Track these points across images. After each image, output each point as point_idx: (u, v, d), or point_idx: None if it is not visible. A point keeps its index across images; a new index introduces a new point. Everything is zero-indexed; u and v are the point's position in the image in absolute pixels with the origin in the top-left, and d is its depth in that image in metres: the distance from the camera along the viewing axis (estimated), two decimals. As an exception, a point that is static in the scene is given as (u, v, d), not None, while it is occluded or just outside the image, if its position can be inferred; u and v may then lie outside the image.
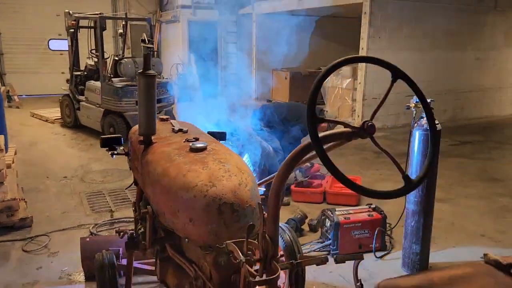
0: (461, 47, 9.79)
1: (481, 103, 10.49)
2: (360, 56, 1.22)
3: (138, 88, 1.99)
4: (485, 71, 10.33)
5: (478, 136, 8.54)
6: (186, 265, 1.70)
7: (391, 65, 1.39)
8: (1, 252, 3.72)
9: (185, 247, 1.74)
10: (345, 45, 11.23)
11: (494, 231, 4.20)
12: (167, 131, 2.20)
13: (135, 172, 2.22)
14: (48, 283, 3.27)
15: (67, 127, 8.79)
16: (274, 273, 1.26)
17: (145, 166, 1.91)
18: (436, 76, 9.48)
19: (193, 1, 13.08)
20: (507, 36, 10.43)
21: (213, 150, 1.82)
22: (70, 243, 3.88)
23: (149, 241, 1.80)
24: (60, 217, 4.47)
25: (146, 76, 1.91)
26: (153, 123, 1.99)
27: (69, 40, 8.67)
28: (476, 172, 6.15)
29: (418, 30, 9.09)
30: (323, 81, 1.16)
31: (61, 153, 7.10)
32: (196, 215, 1.50)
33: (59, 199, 5.01)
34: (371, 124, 1.28)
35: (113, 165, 6.40)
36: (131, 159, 2.32)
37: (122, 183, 5.57)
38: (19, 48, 12.96)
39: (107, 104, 7.52)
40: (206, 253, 1.50)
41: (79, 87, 8.44)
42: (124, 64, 7.55)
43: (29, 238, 3.95)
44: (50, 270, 3.45)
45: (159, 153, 1.87)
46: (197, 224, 1.50)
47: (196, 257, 1.66)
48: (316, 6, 9.77)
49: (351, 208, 3.89)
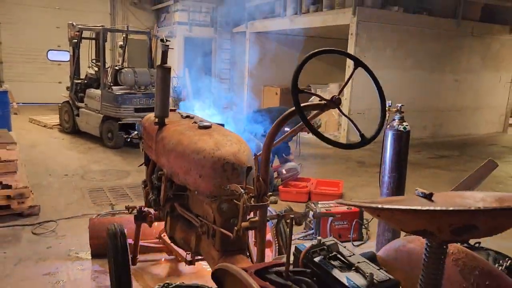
0: (441, 69, 10.46)
1: (459, 122, 11.12)
2: (329, 49, 1.54)
3: (156, 78, 2.43)
4: (463, 92, 11.00)
5: (454, 151, 9.11)
6: (192, 218, 2.11)
7: (353, 56, 1.84)
8: (13, 235, 4.06)
9: (191, 204, 2.16)
10: (332, 64, 11.84)
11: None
12: (176, 118, 2.64)
13: (148, 151, 2.64)
14: (58, 259, 3.63)
15: (65, 133, 9.15)
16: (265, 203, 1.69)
17: (160, 142, 2.34)
18: (417, 95, 10.10)
19: (189, 18, 13.66)
20: (483, 60, 11.15)
21: (217, 128, 2.26)
22: (75, 228, 4.24)
23: (164, 198, 2.21)
24: (64, 208, 4.82)
25: (163, 68, 2.36)
26: (167, 107, 2.43)
27: (71, 50, 9.11)
28: (448, 180, 6.65)
29: (401, 51, 9.74)
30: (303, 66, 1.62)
31: (61, 154, 7.45)
32: (205, 172, 1.93)
33: (62, 194, 5.36)
34: (338, 97, 1.73)
35: (112, 166, 6.78)
36: (144, 141, 2.74)
37: (121, 182, 5.95)
38: (18, 57, 13.35)
39: (106, 111, 7.93)
40: (212, 201, 1.93)
41: (79, 94, 8.85)
42: (124, 73, 8.01)
43: (38, 224, 4.30)
44: (59, 249, 3.81)
45: (172, 131, 2.31)
46: (205, 179, 1.93)
47: (201, 211, 2.08)
48: (307, 26, 10.39)
49: (332, 202, 4.33)
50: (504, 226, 1.19)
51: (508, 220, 1.17)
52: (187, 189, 2.16)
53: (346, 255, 1.51)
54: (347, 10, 9.12)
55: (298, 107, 1.59)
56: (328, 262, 1.47)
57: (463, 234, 1.13)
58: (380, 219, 1.25)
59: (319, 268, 1.46)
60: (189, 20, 13.63)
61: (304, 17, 10.44)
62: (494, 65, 11.40)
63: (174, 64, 13.37)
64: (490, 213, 1.11)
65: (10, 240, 3.95)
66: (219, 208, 1.91)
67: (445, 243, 1.24)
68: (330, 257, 1.50)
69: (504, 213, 1.13)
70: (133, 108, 7.82)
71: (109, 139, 7.92)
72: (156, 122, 2.44)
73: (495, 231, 1.19)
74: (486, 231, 1.16)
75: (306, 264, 1.51)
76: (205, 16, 14.14)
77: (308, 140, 9.49)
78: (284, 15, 11.15)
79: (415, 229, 1.17)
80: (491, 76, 11.42)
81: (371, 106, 9.21)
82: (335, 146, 1.74)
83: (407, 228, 1.20)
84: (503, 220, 1.15)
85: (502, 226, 1.18)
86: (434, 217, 1.11)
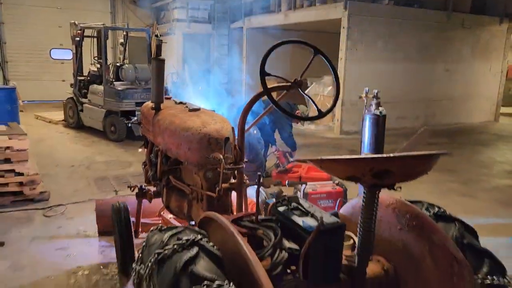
0: (432, 60, 10.77)
1: (451, 111, 11.44)
2: (290, 40, 1.76)
3: (151, 69, 2.78)
4: (454, 82, 11.31)
5: (445, 139, 9.45)
6: (184, 187, 2.48)
7: (312, 45, 2.17)
8: (26, 217, 4.44)
9: (183, 175, 2.53)
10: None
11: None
12: (171, 104, 3.00)
13: (146, 133, 3.00)
14: (68, 237, 4.01)
15: (70, 128, 9.53)
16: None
17: (156, 124, 2.70)
18: (409, 86, 10.43)
19: (188, 15, 14.00)
20: (473, 51, 11.45)
21: (205, 111, 2.62)
22: (83, 211, 4.61)
23: (160, 171, 2.58)
24: (72, 195, 5.20)
25: (158, 60, 2.72)
26: (162, 94, 2.78)
27: (73, 48, 9.48)
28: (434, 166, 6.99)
29: (391, 43, 10.06)
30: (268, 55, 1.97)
31: (67, 147, 7.83)
32: (193, 145, 2.29)
33: (69, 182, 5.74)
34: (299, 80, 2.08)
35: (115, 157, 7.16)
36: (143, 125, 3.11)
37: (124, 171, 6.32)
38: (22, 56, 13.74)
39: (109, 105, 8.30)
40: (199, 170, 2.29)
41: (83, 90, 9.22)
42: (125, 69, 8.37)
43: (49, 207, 4.68)
44: (68, 229, 4.19)
45: (166, 114, 2.67)
46: (193, 151, 2.29)
47: (191, 180, 2.44)
48: (300, 21, 10.71)
49: (318, 183, 4.68)
50: (417, 172, 1.54)
51: (419, 167, 1.52)
52: (180, 162, 2.52)
53: (305, 206, 1.87)
54: (338, 5, 9.43)
55: (265, 88, 1.94)
56: (290, 211, 1.83)
57: (382, 177, 1.48)
58: (323, 169, 1.59)
59: (282, 216, 1.82)
60: (187, 17, 13.97)
61: (298, 12, 10.76)
62: (485, 55, 11.70)
63: (174, 60, 13.73)
64: (401, 159, 1.46)
65: (24, 221, 4.33)
66: (205, 176, 2.27)
67: (374, 187, 1.59)
68: (292, 207, 1.86)
69: (413, 160, 1.48)
70: (134, 102, 8.17)
71: (112, 132, 8.29)
72: (153, 107, 2.80)
73: (410, 176, 1.54)
74: (401, 175, 1.51)
75: (273, 213, 1.87)
76: (203, 13, 14.47)
77: (302, 131, 9.85)
78: (279, 10, 11.48)
79: (346, 175, 1.53)
80: (482, 66, 11.72)
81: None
82: (300, 119, 2.10)
83: (341, 175, 1.55)
84: (414, 166, 1.51)
85: (415, 172, 1.54)
86: (358, 164, 1.46)
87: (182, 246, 1.45)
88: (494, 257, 1.73)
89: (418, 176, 1.56)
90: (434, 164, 1.55)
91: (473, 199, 5.34)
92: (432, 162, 1.52)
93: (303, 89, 2.11)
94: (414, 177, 1.56)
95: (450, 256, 1.59)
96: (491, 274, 1.65)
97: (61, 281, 3.21)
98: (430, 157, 1.47)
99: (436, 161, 1.54)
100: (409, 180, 1.57)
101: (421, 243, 1.69)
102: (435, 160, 1.51)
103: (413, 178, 1.56)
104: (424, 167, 1.53)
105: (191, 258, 1.40)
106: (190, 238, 1.49)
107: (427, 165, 1.52)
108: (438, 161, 1.55)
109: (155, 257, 1.46)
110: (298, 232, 1.72)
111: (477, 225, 4.54)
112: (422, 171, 1.55)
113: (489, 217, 4.73)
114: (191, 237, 1.49)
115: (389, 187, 1.62)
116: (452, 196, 5.46)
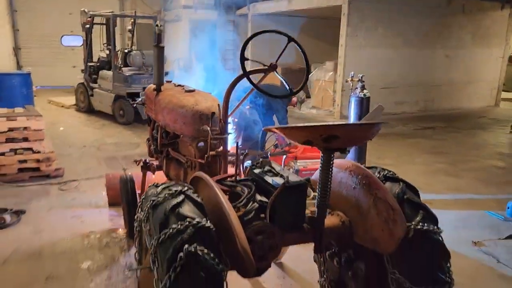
0: (431, 46, 10.98)
1: (451, 96, 11.67)
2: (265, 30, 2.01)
3: (153, 56, 3.16)
4: (454, 68, 11.51)
5: (442, 123, 9.73)
6: (181, 157, 2.88)
7: (285, 34, 2.52)
8: (43, 191, 4.91)
9: (180, 147, 2.93)
10: (330, 43, 12.40)
11: (423, 184, 5.38)
12: (171, 86, 3.38)
13: (149, 112, 3.39)
14: (81, 207, 4.46)
15: (81, 112, 10.01)
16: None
17: (157, 103, 3.09)
18: (408, 71, 10.68)
19: (195, 1, 14.30)
20: (474, 37, 11.61)
21: (198, 92, 3.01)
22: (94, 187, 5.06)
23: (161, 144, 2.99)
24: (84, 172, 5.65)
25: (158, 47, 3.10)
26: (163, 77, 3.17)
27: (83, 35, 9.88)
28: (427, 148, 7.33)
29: (391, 29, 10.29)
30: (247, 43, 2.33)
31: (78, 130, 8.30)
32: (187, 120, 2.68)
33: (81, 161, 6.19)
34: (274, 64, 2.45)
35: (124, 139, 7.60)
36: (146, 105, 3.51)
37: (132, 151, 6.76)
38: (34, 43, 14.21)
39: (117, 90, 8.72)
40: (193, 141, 2.68)
41: (93, 76, 9.65)
42: (133, 55, 8.78)
43: (63, 182, 5.15)
44: (81, 200, 4.64)
45: (166, 94, 3.06)
46: (187, 125, 2.68)
47: (187, 151, 2.83)
48: (303, 7, 10.97)
49: (309, 161, 5.06)
50: (359, 138, 1.91)
51: (360, 133, 1.89)
52: (177, 136, 2.92)
53: (276, 169, 2.25)
54: (339, -9, 9.68)
55: (245, 71, 2.32)
56: (263, 172, 2.22)
57: (331, 142, 1.85)
58: (286, 135, 1.96)
59: (256, 176, 2.21)
60: (194, 3, 14.26)
61: (301, -2, 11.02)
62: (486, 41, 11.86)
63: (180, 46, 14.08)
64: (343, 126, 1.84)
65: (41, 194, 4.79)
66: (197, 146, 2.66)
67: (327, 151, 1.97)
68: (265, 170, 2.25)
69: (354, 127, 1.86)
70: (142, 87, 8.57)
71: (120, 116, 8.73)
72: (155, 89, 3.19)
73: (354, 141, 1.92)
74: (346, 140, 1.88)
75: (250, 175, 2.27)
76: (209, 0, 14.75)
77: (304, 116, 10.21)
78: (282, -4, 11.74)
79: (303, 140, 1.90)
80: (482, 52, 11.89)
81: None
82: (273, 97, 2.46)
83: (299, 140, 1.93)
84: (355, 132, 1.88)
85: (358, 137, 1.91)
86: (311, 131, 1.83)
87: (172, 195, 1.85)
88: (428, 210, 2.10)
89: (362, 141, 1.94)
90: (374, 132, 1.91)
91: (457, 178, 5.69)
92: (371, 130, 1.88)
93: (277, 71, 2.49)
94: (359, 142, 1.94)
95: (388, 206, 1.96)
96: (423, 222, 2.02)
97: (76, 242, 3.66)
98: (368, 125, 1.83)
99: (376, 130, 1.90)
100: (354, 144, 1.96)
101: (368, 197, 2.06)
102: (373, 128, 1.87)
103: (358, 143, 1.94)
104: (365, 134, 1.90)
105: (178, 203, 1.79)
106: (178, 189, 1.88)
107: (368, 132, 1.89)
108: (378, 130, 1.91)
109: (150, 203, 1.86)
110: (268, 188, 2.11)
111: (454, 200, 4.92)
112: (363, 137, 1.91)
113: (468, 193, 5.08)
114: (179, 189, 1.89)
115: (340, 150, 1.99)
116: (439, 175, 5.81)
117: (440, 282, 2.01)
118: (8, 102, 6.84)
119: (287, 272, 3.27)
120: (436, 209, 4.76)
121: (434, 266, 2.03)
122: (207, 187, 2.00)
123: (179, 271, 1.61)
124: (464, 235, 3.89)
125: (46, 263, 3.32)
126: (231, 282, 1.79)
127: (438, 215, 2.07)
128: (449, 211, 4.47)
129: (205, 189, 2.02)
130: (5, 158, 4.95)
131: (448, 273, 2.04)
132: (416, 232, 2.00)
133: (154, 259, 1.72)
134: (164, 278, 1.63)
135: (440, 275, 2.02)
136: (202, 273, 1.63)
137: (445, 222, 4.13)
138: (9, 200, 4.48)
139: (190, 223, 1.70)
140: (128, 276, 3.14)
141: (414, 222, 2.02)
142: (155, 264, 1.71)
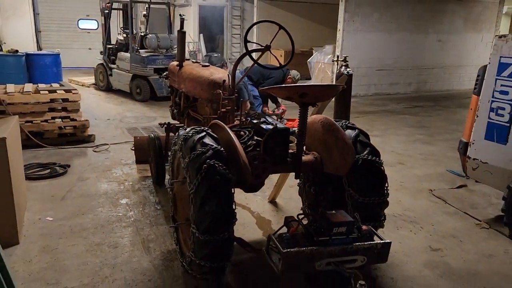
0: (424, 30, 11.74)
1: (442, 78, 12.47)
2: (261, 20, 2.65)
3: (177, 39, 4.07)
4: (446, 52, 12.28)
5: (431, 103, 10.57)
6: (199, 116, 3.83)
7: (276, 22, 3.40)
8: (81, 152, 5.88)
9: (198, 109, 3.87)
10: (332, 27, 13.18)
11: (402, 150, 6.30)
12: (189, 63, 4.31)
13: (172, 83, 4.32)
14: (113, 164, 5.43)
15: (101, 90, 10.96)
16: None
17: (180, 75, 4.02)
18: (402, 55, 11.47)
19: (203, -12, 15.08)
20: (465, 22, 12.33)
21: (212, 67, 3.94)
22: (122, 150, 6.02)
23: (183, 107, 3.93)
24: (111, 139, 6.61)
25: (181, 32, 4.01)
26: (184, 55, 4.10)
27: (102, 19, 10.77)
28: (412, 123, 8.22)
29: (386, 15, 11.06)
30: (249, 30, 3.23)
31: (101, 106, 9.26)
32: (204, 87, 3.61)
33: (107, 130, 7.16)
34: (269, 45, 3.34)
35: (142, 114, 8.55)
36: (170, 78, 4.44)
37: (150, 123, 7.71)
38: (53, 26, 15.12)
39: (135, 70, 9.64)
40: (208, 103, 3.61)
41: (111, 57, 10.57)
42: (149, 39, 9.67)
43: (96, 146, 6.12)
44: (113, 159, 5.61)
45: (187, 68, 3.99)
46: (204, 90, 3.61)
47: (203, 111, 3.77)
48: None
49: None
50: (324, 95, 2.83)
51: (324, 92, 2.81)
52: (196, 100, 3.86)
53: (269, 120, 3.18)
54: (337, -21, 10.44)
55: (247, 50, 3.23)
56: (259, 122, 3.15)
57: (304, 97, 2.77)
58: (274, 94, 2.87)
59: (255, 124, 3.14)
60: (203, -11, 15.04)
61: (303, -15, 11.77)
62: (477, 26, 12.57)
63: (190, 31, 14.90)
64: (312, 87, 2.75)
65: (80, 154, 5.77)
66: (212, 106, 3.59)
67: (303, 105, 2.88)
68: (261, 121, 3.17)
69: (320, 88, 2.77)
70: (157, 68, 9.50)
71: (138, 93, 9.67)
72: (177, 65, 4.11)
73: (321, 98, 2.83)
74: (315, 97, 2.79)
75: (250, 124, 3.20)
76: (217, -15, 15.51)
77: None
78: (286, -17, 12.49)
79: (285, 96, 2.81)
80: (473, 37, 12.62)
81: (360, 65, 10.68)
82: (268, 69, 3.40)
83: (283, 96, 2.84)
84: (321, 91, 2.79)
85: (323, 95, 2.83)
86: (290, 89, 2.74)
87: (197, 132, 2.77)
88: (373, 147, 3.01)
89: (327, 98, 2.86)
90: (335, 92, 2.84)
91: (431, 146, 6.59)
92: (332, 91, 2.80)
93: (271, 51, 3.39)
94: (325, 99, 2.85)
95: (344, 143, 2.88)
96: (369, 155, 2.94)
97: (114, 187, 4.63)
98: (329, 86, 2.74)
99: (336, 90, 2.81)
100: (321, 100, 2.87)
101: (332, 139, 2.97)
102: (333, 89, 2.78)
103: (324, 99, 2.85)
104: (328, 93, 2.82)
105: (202, 136, 2.72)
106: (201, 128, 2.82)
107: (330, 91, 2.81)
108: (338, 91, 2.81)
109: (183, 137, 2.79)
110: (263, 132, 3.04)
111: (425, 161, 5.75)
112: (327, 95, 2.84)
113: (438, 157, 5.99)
114: (202, 128, 2.83)
115: (312, 105, 2.91)
116: (416, 144, 6.71)
117: (379, 195, 2.94)
118: (41, 80, 7.80)
119: (280, 208, 4.23)
120: (407, 167, 5.80)
121: (375, 185, 2.96)
122: (221, 129, 2.93)
123: (203, 176, 2.55)
124: (425, 186, 4.82)
125: (93, 199, 4.29)
126: (239, 215, 2.66)
127: (407, 171, 2.89)
128: (417, 169, 5.39)
129: (220, 131, 2.95)
130: (48, 124, 5.91)
131: (386, 189, 2.96)
132: (363, 161, 2.92)
133: (187, 171, 2.66)
134: (193, 181, 2.57)
135: (380, 190, 2.95)
136: (218, 177, 2.56)
137: (411, 176, 5.09)
138: (54, 159, 5.45)
139: (210, 147, 2.63)
140: (157, 208, 4.11)
141: (363, 155, 2.94)
142: (187, 174, 2.65)
